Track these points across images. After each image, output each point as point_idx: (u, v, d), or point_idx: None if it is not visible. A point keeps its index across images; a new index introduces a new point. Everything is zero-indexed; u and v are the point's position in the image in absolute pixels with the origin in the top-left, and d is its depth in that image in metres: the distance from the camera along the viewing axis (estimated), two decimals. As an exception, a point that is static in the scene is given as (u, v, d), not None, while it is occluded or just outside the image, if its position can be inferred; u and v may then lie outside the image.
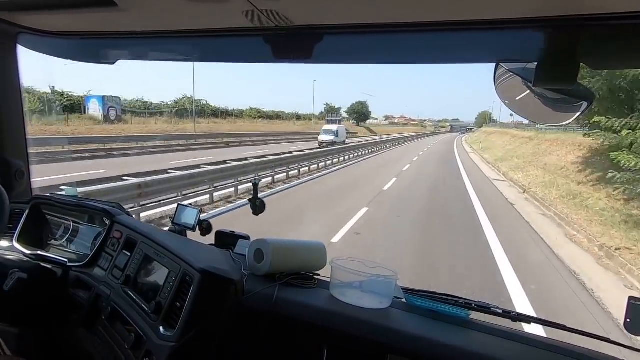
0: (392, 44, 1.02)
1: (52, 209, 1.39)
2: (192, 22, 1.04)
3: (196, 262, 0.88)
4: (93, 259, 1.18)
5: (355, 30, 0.93)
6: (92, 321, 1.06)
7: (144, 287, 1.00)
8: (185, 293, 0.87)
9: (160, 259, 0.99)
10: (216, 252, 1.19)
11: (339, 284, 1.02)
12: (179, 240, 1.17)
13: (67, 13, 1.05)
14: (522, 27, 0.80)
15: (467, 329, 0.91)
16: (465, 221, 7.63)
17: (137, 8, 0.95)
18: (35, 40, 1.34)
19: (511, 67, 0.92)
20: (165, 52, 1.38)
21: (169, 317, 0.87)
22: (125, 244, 1.12)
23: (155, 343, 0.85)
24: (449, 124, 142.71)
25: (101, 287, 1.08)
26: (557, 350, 0.84)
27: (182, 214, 1.38)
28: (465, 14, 0.79)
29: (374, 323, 0.90)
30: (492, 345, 0.85)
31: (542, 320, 0.94)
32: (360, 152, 22.45)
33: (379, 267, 1.04)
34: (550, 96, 0.89)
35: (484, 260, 5.25)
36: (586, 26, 0.73)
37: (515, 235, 6.89)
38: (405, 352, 0.84)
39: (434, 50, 1.06)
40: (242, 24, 0.96)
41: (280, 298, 0.97)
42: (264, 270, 1.06)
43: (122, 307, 0.98)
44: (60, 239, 1.37)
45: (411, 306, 0.99)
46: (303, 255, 1.14)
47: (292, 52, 1.07)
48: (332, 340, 0.92)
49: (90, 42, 1.29)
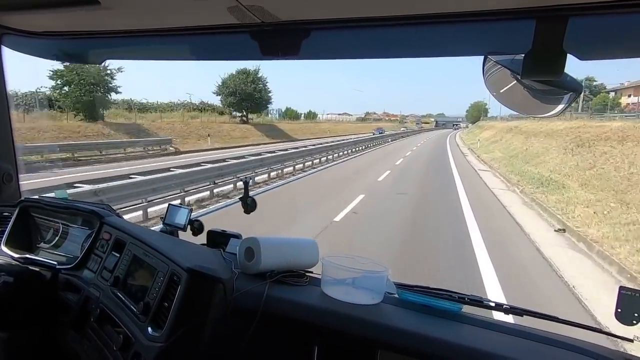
0: (380, 38, 1.01)
1: (41, 212, 1.38)
2: (177, 20, 1.03)
3: (184, 262, 0.87)
4: (82, 261, 1.17)
5: (342, 25, 0.92)
6: (82, 323, 1.04)
7: (133, 288, 0.99)
8: (174, 293, 0.86)
9: (149, 259, 0.97)
10: (206, 251, 1.18)
11: (330, 280, 1.02)
12: (168, 240, 1.15)
13: (51, 12, 1.03)
14: (509, 19, 0.80)
15: (459, 323, 0.90)
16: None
17: (120, 6, 0.94)
18: (20, 41, 1.32)
19: (499, 59, 0.92)
20: (151, 51, 1.36)
21: (157, 317, 0.86)
22: (115, 245, 1.11)
23: (143, 344, 0.84)
24: (434, 119, 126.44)
25: (90, 289, 1.07)
26: (549, 341, 0.84)
27: (172, 214, 1.36)
28: (452, 6, 0.79)
29: (365, 319, 0.89)
30: (484, 338, 0.85)
31: (534, 312, 0.94)
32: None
33: (371, 263, 1.04)
34: (538, 87, 0.89)
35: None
36: (572, 17, 0.72)
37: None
38: (396, 347, 0.84)
39: (422, 43, 1.06)
40: (228, 20, 0.95)
41: (270, 296, 0.96)
42: (254, 269, 1.05)
43: (110, 309, 0.97)
44: (49, 241, 1.35)
45: (403, 301, 0.99)
46: (294, 252, 1.13)
47: (279, 49, 1.06)
48: (323, 337, 0.92)
49: (76, 42, 1.28)
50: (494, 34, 0.91)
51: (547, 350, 0.82)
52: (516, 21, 0.79)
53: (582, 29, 0.76)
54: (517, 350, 0.81)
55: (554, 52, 0.76)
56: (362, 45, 1.10)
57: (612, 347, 0.86)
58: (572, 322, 0.88)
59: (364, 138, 32.34)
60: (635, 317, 0.79)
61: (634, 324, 0.79)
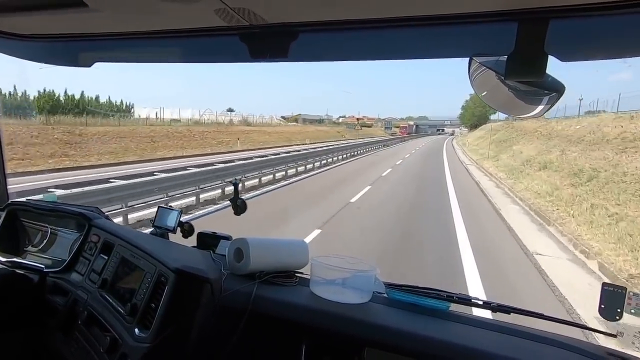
0: (367, 40, 1.02)
1: (29, 215, 1.36)
2: (165, 22, 1.03)
3: (171, 262, 0.87)
4: (70, 264, 1.16)
5: (328, 28, 0.93)
6: (69, 326, 1.04)
7: (121, 289, 0.98)
8: (161, 294, 0.85)
9: (137, 261, 0.97)
10: (195, 252, 1.17)
11: (319, 280, 1.02)
12: (157, 242, 1.15)
13: (38, 15, 1.03)
14: (492, 21, 0.81)
15: (447, 321, 0.91)
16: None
17: (108, 9, 0.94)
18: (6, 43, 1.31)
19: (484, 61, 0.94)
20: (140, 53, 1.36)
21: (145, 318, 0.86)
22: (103, 247, 1.10)
23: (130, 345, 0.83)
24: (413, 123, 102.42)
25: (78, 291, 1.06)
26: (536, 338, 0.85)
27: (162, 216, 1.36)
28: (438, 9, 0.80)
29: (352, 317, 0.90)
30: (471, 335, 0.86)
31: (521, 310, 0.95)
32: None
33: (360, 263, 1.04)
34: (521, 88, 0.91)
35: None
36: (553, 19, 0.74)
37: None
38: (383, 344, 0.84)
39: (409, 45, 1.07)
40: (215, 23, 0.95)
41: (259, 296, 0.96)
42: (243, 270, 1.05)
43: (98, 311, 0.97)
44: (37, 244, 1.34)
45: (392, 300, 0.99)
46: (284, 253, 1.13)
47: (267, 51, 1.06)
48: (311, 336, 0.92)
49: (64, 45, 1.27)
50: (478, 36, 0.92)
51: (533, 346, 0.83)
52: (499, 23, 0.80)
53: (562, 31, 0.78)
54: (504, 347, 0.81)
55: (535, 53, 0.78)
56: (349, 47, 1.11)
57: (597, 343, 0.88)
58: (558, 319, 0.90)
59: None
60: (618, 312, 0.80)
61: (617, 320, 0.81)
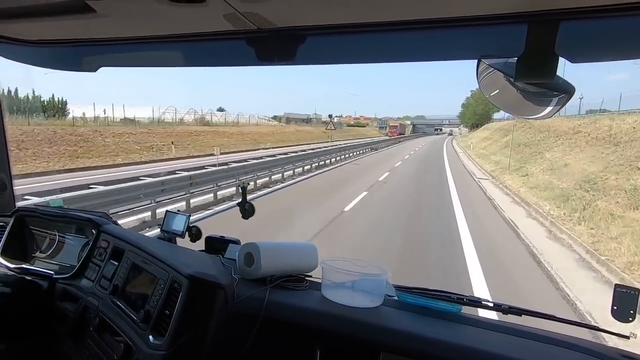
0: (375, 43, 1.02)
1: (37, 221, 1.36)
2: (173, 27, 1.03)
3: (184, 269, 0.87)
4: (80, 270, 1.16)
5: (336, 31, 0.93)
6: (80, 333, 1.04)
7: (133, 296, 0.98)
8: (174, 300, 0.85)
9: (149, 267, 0.97)
10: (205, 257, 1.17)
11: (330, 284, 1.02)
12: (167, 247, 1.15)
13: (45, 21, 1.03)
14: (502, 23, 0.81)
15: (458, 324, 0.91)
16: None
17: (116, 14, 0.94)
18: (13, 49, 1.31)
19: (493, 63, 0.94)
20: (147, 58, 1.36)
21: (159, 325, 0.86)
22: (113, 253, 1.10)
23: (145, 352, 0.83)
24: (410, 122, 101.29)
25: (89, 298, 1.06)
26: (548, 340, 0.85)
27: (170, 220, 1.36)
28: (447, 11, 0.80)
29: (366, 322, 0.90)
30: (483, 338, 0.86)
31: (532, 312, 0.95)
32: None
33: (370, 266, 1.04)
34: (531, 90, 0.91)
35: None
36: (563, 21, 0.74)
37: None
38: (398, 349, 0.84)
39: (417, 47, 1.07)
40: (224, 27, 0.95)
41: (271, 301, 0.96)
42: (254, 274, 1.05)
43: (110, 318, 0.97)
44: (46, 250, 1.34)
45: (403, 303, 0.99)
46: (294, 257, 1.13)
47: (275, 55, 1.06)
48: (325, 341, 0.92)
49: (70, 50, 1.27)
50: (487, 38, 0.92)
51: (545, 348, 0.83)
52: (509, 25, 0.80)
53: (573, 33, 0.78)
54: (516, 349, 0.81)
55: (546, 55, 0.78)
56: (357, 50, 1.11)
57: (609, 344, 0.88)
58: (569, 321, 0.90)
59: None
60: (630, 314, 0.80)
61: (629, 321, 0.81)
